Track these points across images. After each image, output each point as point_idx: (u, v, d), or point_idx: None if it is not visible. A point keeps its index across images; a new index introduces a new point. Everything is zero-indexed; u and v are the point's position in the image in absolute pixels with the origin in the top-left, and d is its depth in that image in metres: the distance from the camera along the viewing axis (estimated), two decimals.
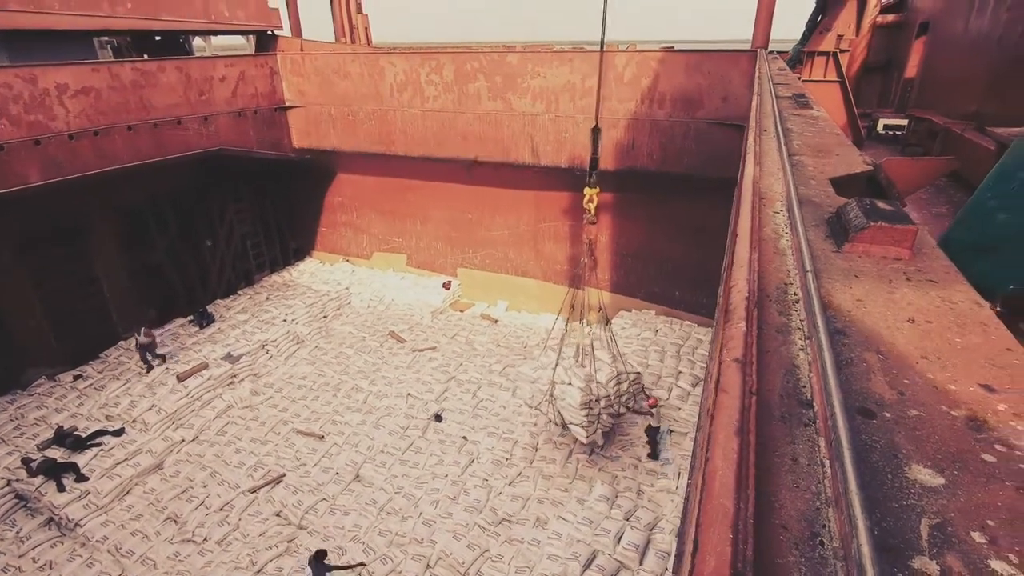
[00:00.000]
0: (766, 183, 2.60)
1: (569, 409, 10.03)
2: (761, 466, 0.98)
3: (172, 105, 14.21)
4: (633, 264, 16.33)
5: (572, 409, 9.98)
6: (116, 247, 15.27)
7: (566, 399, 10.06)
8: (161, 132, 13.99)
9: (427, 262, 19.54)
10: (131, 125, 13.25)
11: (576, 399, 9.88)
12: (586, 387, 9.96)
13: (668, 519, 9.31)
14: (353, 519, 9.78)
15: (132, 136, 13.32)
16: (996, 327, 1.33)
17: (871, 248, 1.75)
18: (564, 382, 10.18)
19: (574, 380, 10.08)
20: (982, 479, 0.87)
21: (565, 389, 10.13)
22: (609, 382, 10.35)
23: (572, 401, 9.96)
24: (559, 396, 10.22)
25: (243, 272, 18.80)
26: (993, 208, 2.26)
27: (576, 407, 9.87)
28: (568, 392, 10.06)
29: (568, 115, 14.40)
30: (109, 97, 12.81)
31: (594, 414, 10.11)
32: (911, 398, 1.07)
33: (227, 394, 13.21)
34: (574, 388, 10.00)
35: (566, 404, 10.06)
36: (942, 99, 10.80)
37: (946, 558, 0.74)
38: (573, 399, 9.94)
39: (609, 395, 10.39)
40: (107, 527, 9.73)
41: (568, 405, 10.03)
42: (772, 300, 1.54)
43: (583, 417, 9.92)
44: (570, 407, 10.00)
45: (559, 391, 10.23)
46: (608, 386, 10.33)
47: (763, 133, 3.78)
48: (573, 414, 9.99)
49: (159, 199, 15.75)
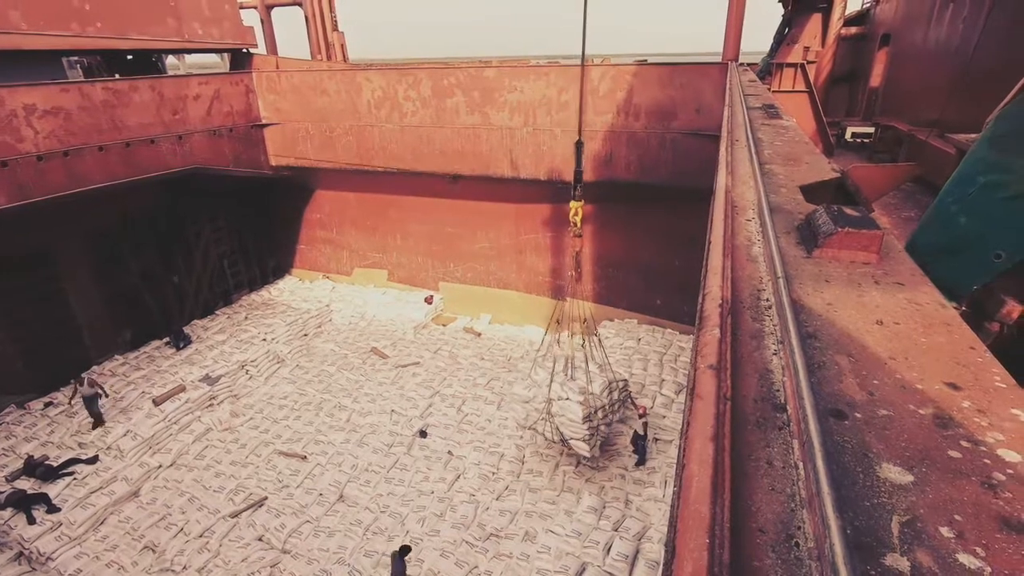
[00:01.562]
0: (738, 191, 2.66)
1: (570, 424, 9.92)
2: (737, 471, 0.99)
3: (145, 124, 14.02)
4: (615, 274, 16.46)
5: (574, 424, 9.87)
6: (88, 270, 14.94)
7: (566, 415, 9.94)
8: (134, 152, 13.79)
9: (409, 277, 19.46)
10: (103, 145, 13.03)
11: (578, 414, 9.78)
12: (585, 400, 9.90)
13: (656, 528, 9.31)
14: (338, 540, 9.60)
15: (104, 157, 13.09)
16: (959, 327, 1.37)
17: (840, 253, 1.80)
18: (562, 397, 10.05)
19: (571, 395, 9.97)
20: (949, 475, 0.89)
21: (564, 405, 9.99)
22: (603, 392, 10.34)
23: (573, 416, 9.84)
24: (558, 412, 10.08)
25: (221, 292, 18.51)
26: (954, 212, 2.34)
27: (578, 421, 9.78)
28: (568, 407, 9.93)
29: (546, 128, 14.55)
30: (79, 117, 12.60)
31: (594, 426, 10.09)
32: (880, 398, 1.09)
33: (206, 417, 12.93)
34: (573, 403, 9.89)
35: (566, 420, 9.94)
36: (905, 107, 11.16)
37: (916, 554, 0.75)
38: (575, 414, 9.83)
39: (604, 405, 10.39)
40: (81, 559, 9.39)
41: (569, 420, 9.91)
42: (746, 306, 1.57)
43: (585, 431, 9.85)
44: (571, 422, 9.89)
45: (557, 407, 10.08)
46: (602, 396, 10.32)
47: (735, 143, 3.86)
48: (575, 429, 9.90)
49: (133, 220, 15.48)
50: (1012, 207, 2.12)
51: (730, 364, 1.25)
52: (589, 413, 9.92)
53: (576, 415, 9.81)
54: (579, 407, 9.82)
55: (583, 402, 9.85)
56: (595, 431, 10.10)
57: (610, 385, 10.57)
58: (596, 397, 10.15)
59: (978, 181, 2.24)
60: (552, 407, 10.19)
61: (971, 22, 8.01)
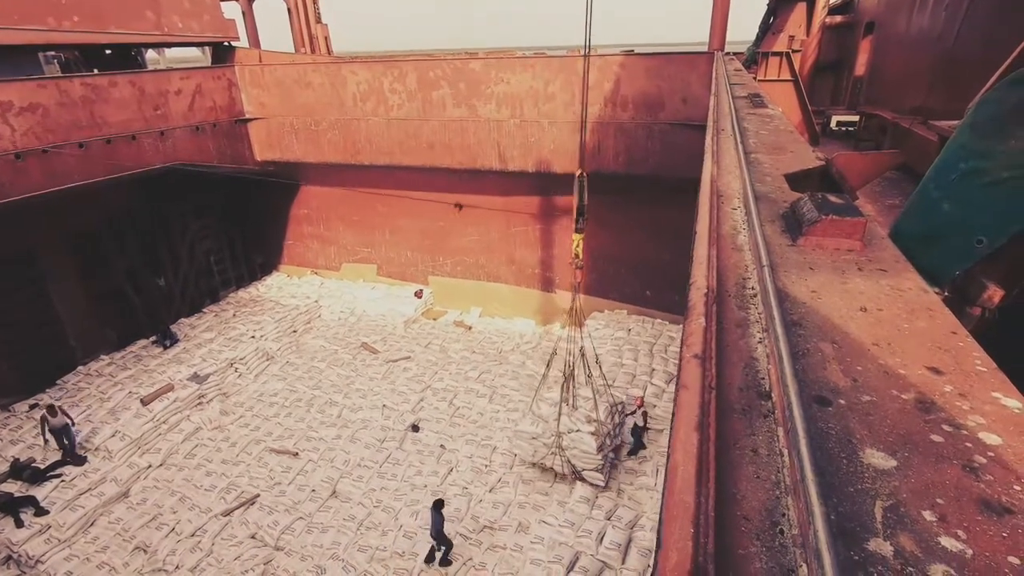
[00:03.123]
0: (724, 181, 2.66)
1: (583, 456, 9.89)
2: (722, 459, 0.99)
3: (126, 121, 13.78)
4: (605, 266, 16.50)
5: (588, 456, 9.84)
6: (72, 269, 14.71)
7: (578, 447, 9.89)
8: (115, 149, 13.56)
9: (398, 272, 19.37)
10: (82, 142, 12.81)
11: (592, 445, 9.75)
12: (596, 430, 9.85)
13: (648, 516, 9.40)
14: (332, 536, 9.59)
15: (84, 154, 12.87)
16: (941, 312, 1.38)
17: (824, 241, 1.81)
18: (573, 430, 9.98)
19: (582, 426, 9.90)
20: (931, 459, 0.90)
21: (576, 437, 9.91)
22: (608, 418, 10.34)
23: (587, 448, 9.80)
24: (569, 446, 10.00)
25: (208, 289, 18.32)
26: (937, 199, 2.36)
27: (593, 452, 9.76)
28: (580, 440, 9.86)
29: (533, 120, 14.50)
30: (58, 114, 12.35)
31: (606, 455, 10.12)
32: (864, 384, 1.10)
33: (195, 416, 12.83)
34: (585, 434, 9.84)
35: (579, 452, 9.90)
36: (889, 95, 11.23)
37: (899, 538, 0.76)
38: (588, 446, 9.78)
39: (611, 430, 10.41)
40: (71, 561, 9.32)
41: (582, 452, 9.86)
42: (731, 295, 1.57)
43: (599, 460, 9.86)
44: (584, 454, 9.85)
45: (569, 440, 9.99)
46: (608, 422, 10.32)
47: (721, 132, 3.87)
48: (588, 460, 9.87)
49: (116, 218, 15.25)
50: (992, 192, 2.14)
51: (715, 353, 1.25)
52: (602, 443, 9.91)
53: (590, 447, 9.77)
54: (592, 439, 9.77)
55: (595, 432, 9.80)
56: (606, 458, 10.15)
57: (612, 408, 10.59)
58: (604, 424, 10.12)
59: (959, 167, 2.26)
60: (563, 441, 10.05)
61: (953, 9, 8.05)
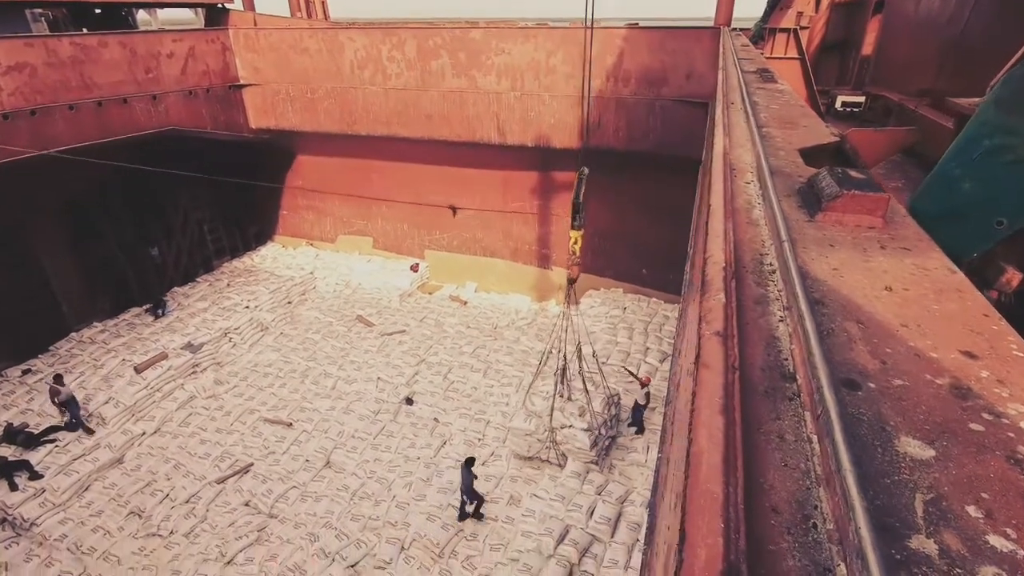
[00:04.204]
0: (736, 154, 2.56)
1: (577, 452, 9.91)
2: (746, 445, 0.93)
3: (117, 83, 13.40)
4: (602, 244, 16.38)
5: (582, 452, 9.86)
6: (63, 236, 14.48)
7: (572, 443, 9.91)
8: (106, 112, 13.21)
9: (394, 244, 19.20)
10: (72, 104, 12.46)
11: (585, 442, 9.76)
12: (589, 425, 9.85)
13: (639, 492, 9.49)
14: (325, 505, 9.66)
15: (74, 117, 12.54)
16: (971, 293, 1.31)
17: (844, 217, 1.73)
18: (565, 426, 9.98)
19: (575, 422, 9.90)
20: (972, 450, 0.84)
21: (570, 434, 9.92)
22: (604, 409, 10.34)
23: (581, 444, 9.81)
24: (563, 441, 10.03)
25: (201, 259, 18.12)
26: (957, 177, 2.28)
27: (587, 449, 9.78)
28: (575, 436, 9.87)
29: (534, 93, 14.20)
30: (46, 74, 11.99)
31: (601, 448, 10.13)
32: (894, 367, 1.03)
33: (189, 384, 12.80)
34: (577, 430, 9.83)
35: (573, 448, 9.92)
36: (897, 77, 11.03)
37: (943, 535, 0.70)
38: (582, 443, 9.79)
39: (607, 420, 10.41)
40: (66, 525, 9.36)
41: (577, 448, 9.89)
42: (748, 271, 1.49)
43: (593, 456, 9.89)
44: (579, 450, 9.87)
45: (562, 436, 10.02)
46: (604, 413, 10.33)
47: (731, 106, 3.74)
48: (583, 455, 9.89)
49: (107, 185, 14.95)
50: (1017, 171, 2.06)
51: (736, 331, 1.18)
52: (595, 437, 9.90)
53: (584, 443, 9.78)
54: (585, 435, 9.76)
55: (588, 428, 9.80)
56: (602, 449, 10.17)
57: (609, 399, 10.59)
58: (598, 415, 10.12)
59: (983, 145, 2.17)
60: (556, 436, 10.07)
61: None
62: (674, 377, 2.63)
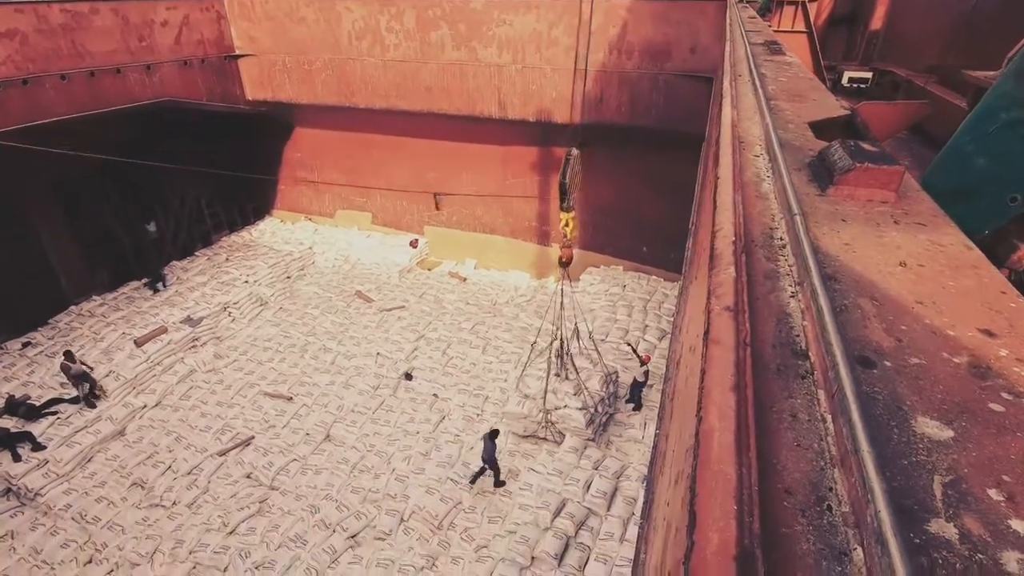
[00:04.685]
0: (744, 127, 2.49)
1: (574, 430, 9.95)
2: (759, 424, 0.89)
3: (110, 52, 13.11)
4: (602, 220, 16.26)
5: (578, 430, 9.90)
6: (59, 209, 14.34)
7: (568, 423, 9.93)
8: (99, 82, 12.95)
9: (393, 220, 19.06)
10: (64, 74, 12.21)
11: (581, 421, 9.77)
12: (584, 404, 9.85)
13: (635, 467, 9.59)
14: (325, 478, 9.77)
15: (67, 86, 12.29)
16: (988, 270, 1.27)
17: (856, 191, 1.68)
18: (560, 407, 9.99)
19: (570, 402, 9.90)
20: (992, 430, 0.81)
21: (565, 414, 9.93)
22: (602, 387, 10.34)
23: (576, 424, 9.83)
24: (559, 421, 10.06)
25: (200, 233, 18.00)
26: (971, 152, 2.22)
27: (582, 427, 9.81)
28: (570, 416, 9.88)
29: (535, 66, 13.92)
30: (37, 42, 11.71)
31: (597, 426, 10.15)
32: (910, 345, 1.00)
33: (189, 358, 12.83)
34: (573, 410, 9.84)
35: (569, 427, 9.95)
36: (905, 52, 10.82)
37: (963, 519, 0.67)
38: (578, 422, 9.81)
39: (605, 397, 10.42)
40: (70, 495, 9.48)
41: (573, 428, 9.92)
42: (758, 245, 1.45)
43: (590, 434, 9.92)
44: (576, 429, 9.91)
45: (557, 416, 10.05)
46: (602, 390, 10.33)
47: (738, 78, 3.65)
48: (580, 432, 9.94)
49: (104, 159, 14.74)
50: None
51: (747, 306, 1.14)
52: (592, 415, 9.92)
53: (579, 422, 9.80)
54: (580, 414, 9.77)
55: (583, 407, 9.80)
56: (599, 427, 10.19)
57: (607, 378, 10.57)
58: (594, 394, 10.13)
59: (1000, 118, 2.10)
60: (552, 416, 10.09)
61: None
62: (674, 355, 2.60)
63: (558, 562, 7.97)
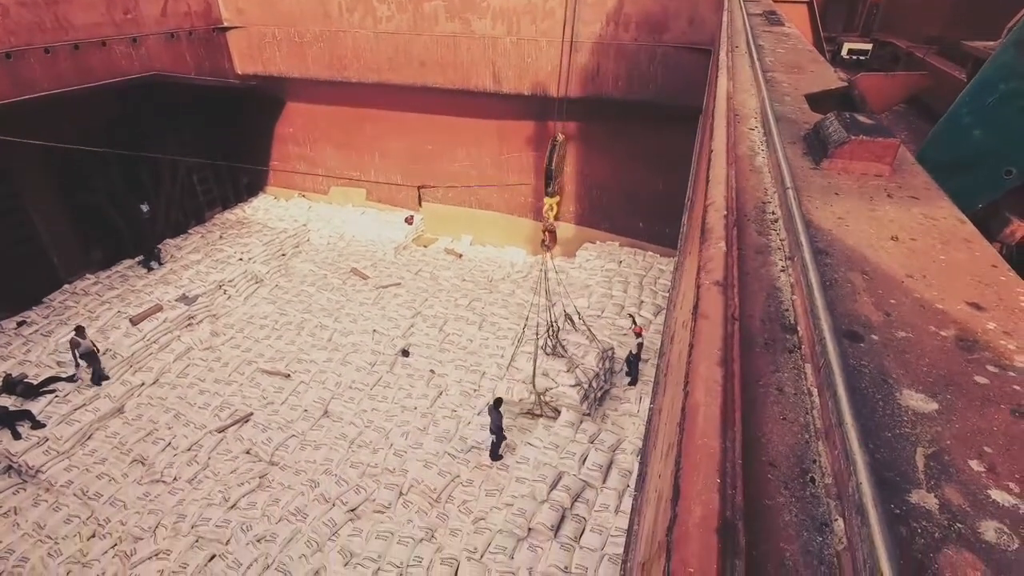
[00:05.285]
0: (740, 99, 2.45)
1: (570, 404, 10.03)
2: (744, 398, 0.90)
3: (94, 24, 12.79)
4: (599, 196, 16.17)
5: (573, 405, 9.98)
6: (49, 187, 14.14)
7: (562, 400, 10.02)
8: (84, 55, 12.66)
9: (388, 196, 18.91)
10: (48, 47, 11.92)
11: (575, 397, 9.84)
12: (577, 379, 9.91)
13: (630, 440, 9.72)
14: (324, 453, 9.88)
15: (51, 60, 12.01)
16: (980, 243, 1.27)
17: (851, 164, 1.66)
18: (552, 388, 10.05)
19: (562, 380, 9.97)
20: (976, 403, 0.81)
21: (559, 392, 10.01)
22: (598, 363, 10.40)
23: (571, 401, 9.91)
24: (552, 400, 10.15)
25: (192, 210, 17.83)
26: (968, 125, 2.19)
27: (577, 403, 9.87)
28: (564, 393, 9.95)
29: (530, 38, 13.66)
30: (18, 14, 11.41)
31: (592, 400, 10.23)
32: (898, 319, 1.00)
33: (185, 336, 12.84)
34: (566, 387, 9.89)
35: (565, 404, 10.04)
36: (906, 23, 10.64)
37: (944, 490, 0.68)
38: (572, 399, 9.88)
39: (599, 373, 10.48)
40: (71, 472, 9.56)
41: (569, 404, 9.99)
42: (750, 219, 1.44)
43: (585, 408, 10.01)
44: (571, 405, 9.98)
45: (550, 396, 10.14)
46: (598, 366, 10.40)
47: (735, 50, 3.58)
48: (575, 408, 10.02)
49: (91, 134, 14.50)
50: None
51: (737, 281, 1.14)
52: (585, 392, 9.98)
53: (574, 399, 9.87)
54: (574, 391, 9.83)
55: (576, 383, 9.85)
56: (593, 402, 10.28)
57: (602, 354, 10.62)
58: (588, 370, 10.17)
59: (999, 89, 2.07)
60: (546, 396, 10.19)
61: None
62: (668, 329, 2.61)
63: (554, 533, 8.13)
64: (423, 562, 7.79)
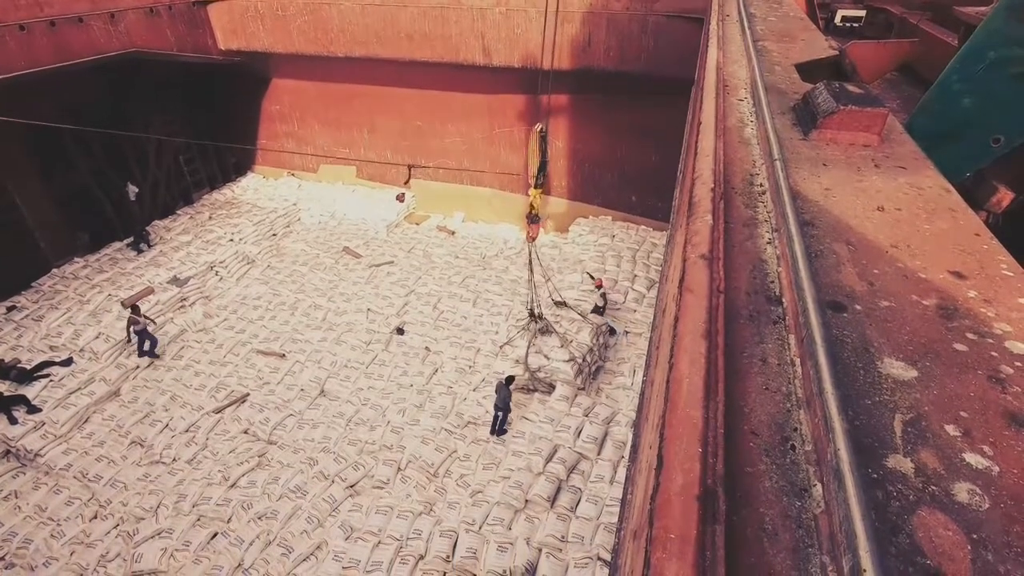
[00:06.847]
0: (730, 70, 2.43)
1: (566, 380, 10.13)
2: (728, 369, 0.91)
3: (68, 0, 12.41)
4: (591, 170, 16.07)
5: (568, 381, 10.08)
6: (32, 170, 13.88)
7: (557, 376, 10.12)
8: (61, 33, 12.30)
9: (378, 174, 18.71)
10: (23, 24, 11.57)
11: (569, 373, 9.93)
12: (570, 355, 9.96)
13: (624, 412, 9.87)
14: (322, 432, 9.97)
15: (26, 38, 11.67)
16: (964, 212, 1.28)
17: (839, 135, 1.65)
18: (545, 365, 10.16)
19: (552, 355, 10.01)
20: (954, 369, 0.83)
21: (552, 368, 10.12)
22: (592, 338, 10.52)
23: (566, 377, 10.01)
24: (546, 376, 10.27)
25: (180, 191, 17.59)
26: (958, 92, 2.18)
27: (571, 378, 9.95)
28: (558, 369, 10.06)
29: (519, 8, 13.38)
30: None
31: (587, 375, 10.32)
32: (881, 289, 1.01)
33: (178, 318, 12.80)
34: (560, 362, 9.98)
35: (559, 379, 10.14)
36: None
37: (920, 454, 0.70)
38: (566, 374, 9.97)
39: (594, 348, 10.59)
40: (69, 455, 9.61)
41: (563, 380, 10.09)
42: (738, 192, 1.44)
43: (579, 382, 10.10)
44: (565, 380, 10.07)
45: (544, 374, 10.26)
46: (591, 341, 10.52)
47: (726, 18, 3.53)
48: (569, 382, 10.12)
49: (74, 113, 14.18)
50: (1021, 85, 1.97)
51: (723, 254, 1.14)
52: (579, 366, 10.05)
53: (568, 375, 9.98)
54: (568, 366, 9.93)
55: (570, 359, 9.94)
56: (588, 376, 10.39)
57: (596, 329, 10.71)
58: (581, 346, 10.27)
59: (989, 56, 2.06)
60: (540, 374, 10.30)
61: None
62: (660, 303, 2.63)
63: (551, 504, 8.29)
64: (422, 535, 7.94)
